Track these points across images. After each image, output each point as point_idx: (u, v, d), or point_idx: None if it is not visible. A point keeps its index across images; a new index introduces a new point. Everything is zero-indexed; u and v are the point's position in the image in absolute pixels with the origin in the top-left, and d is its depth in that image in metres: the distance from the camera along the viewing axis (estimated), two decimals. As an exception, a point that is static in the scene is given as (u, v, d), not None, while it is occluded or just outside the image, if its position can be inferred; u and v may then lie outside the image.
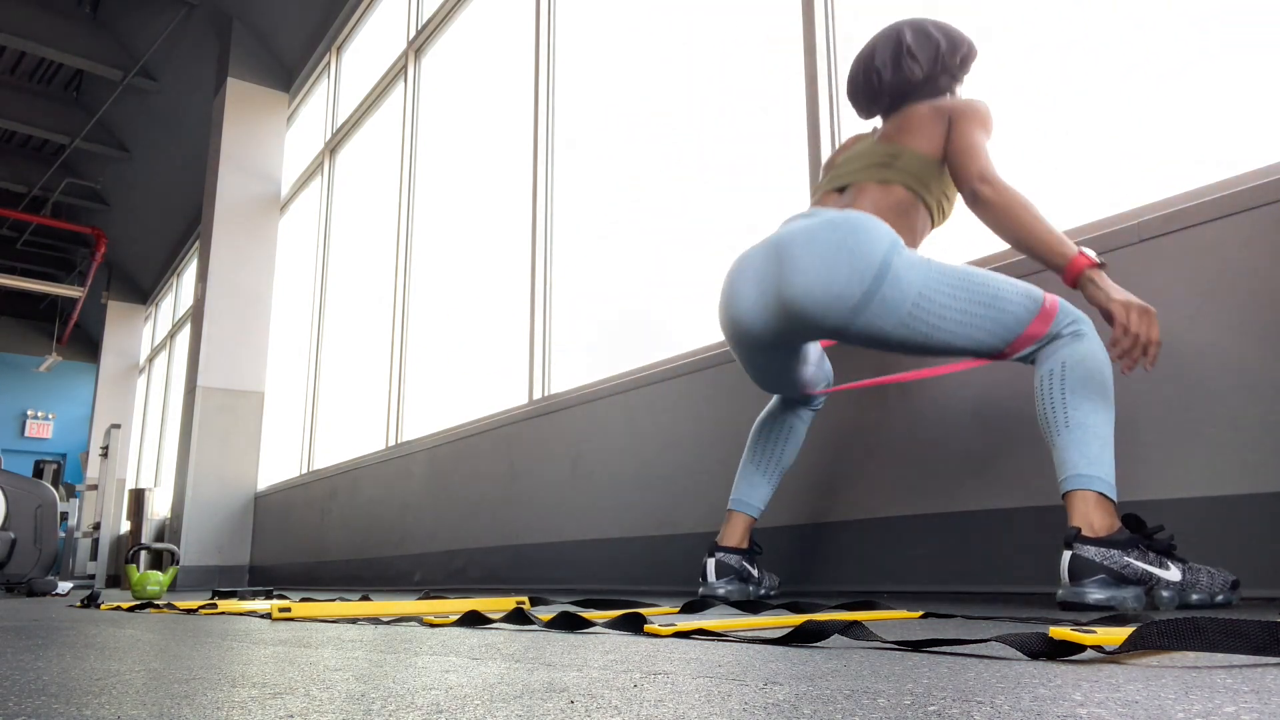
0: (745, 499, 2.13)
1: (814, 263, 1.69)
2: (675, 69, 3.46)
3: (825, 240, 1.69)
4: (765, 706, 0.59)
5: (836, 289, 1.66)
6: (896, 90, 2.00)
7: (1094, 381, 1.60)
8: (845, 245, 1.67)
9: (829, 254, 1.68)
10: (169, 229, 10.75)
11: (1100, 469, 1.56)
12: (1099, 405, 1.59)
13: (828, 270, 1.67)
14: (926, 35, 1.97)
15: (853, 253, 1.66)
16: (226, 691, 0.71)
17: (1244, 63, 1.84)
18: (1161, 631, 0.75)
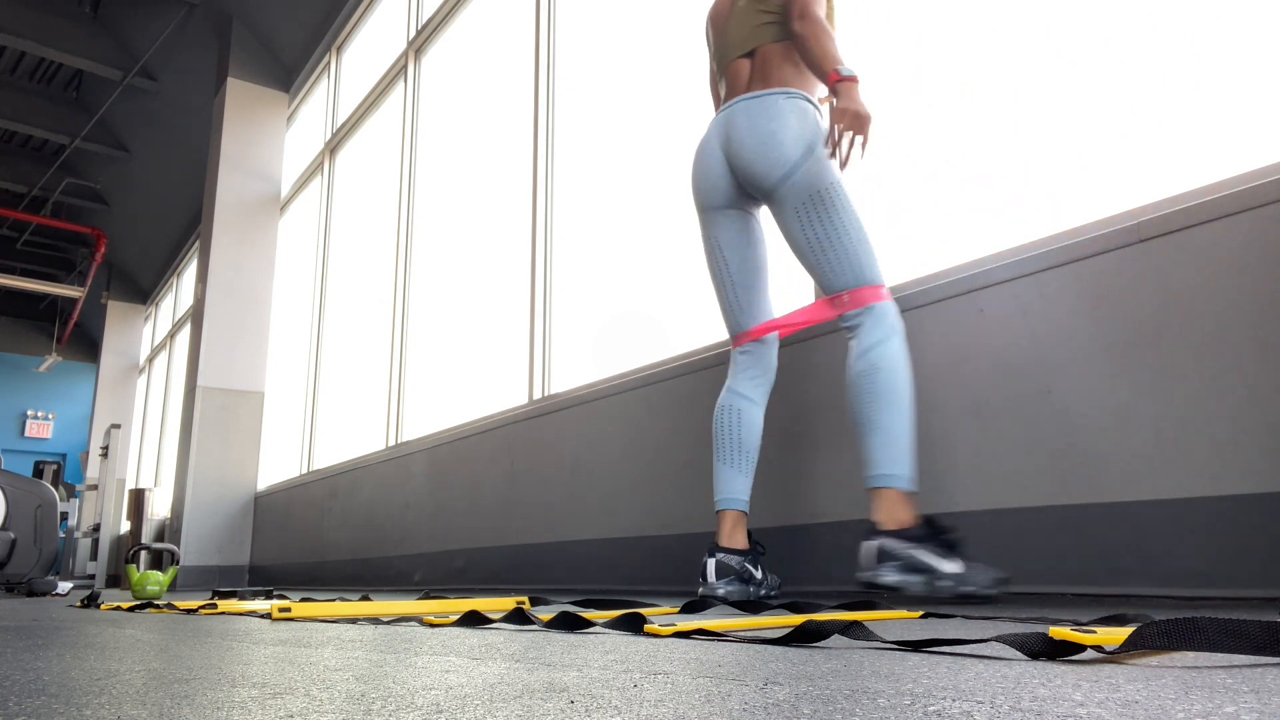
0: (728, 495, 2.16)
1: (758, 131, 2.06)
2: (675, 69, 3.46)
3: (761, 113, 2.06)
4: (765, 706, 0.59)
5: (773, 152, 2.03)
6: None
7: (897, 387, 1.86)
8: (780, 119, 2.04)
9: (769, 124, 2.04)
10: (169, 229, 10.75)
11: (902, 468, 1.83)
12: (900, 409, 1.85)
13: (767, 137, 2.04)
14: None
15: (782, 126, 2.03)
16: (226, 691, 0.71)
17: (1244, 63, 1.84)
18: (1161, 631, 0.75)
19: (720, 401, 2.22)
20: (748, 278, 2.21)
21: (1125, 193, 2.01)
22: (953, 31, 2.45)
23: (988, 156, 2.32)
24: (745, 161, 2.09)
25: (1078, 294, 1.94)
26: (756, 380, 2.22)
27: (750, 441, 2.18)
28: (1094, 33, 2.12)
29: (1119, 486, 1.82)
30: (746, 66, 2.21)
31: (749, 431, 2.18)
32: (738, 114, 2.12)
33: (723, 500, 2.16)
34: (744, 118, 2.10)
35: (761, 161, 2.06)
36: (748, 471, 2.17)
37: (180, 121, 8.86)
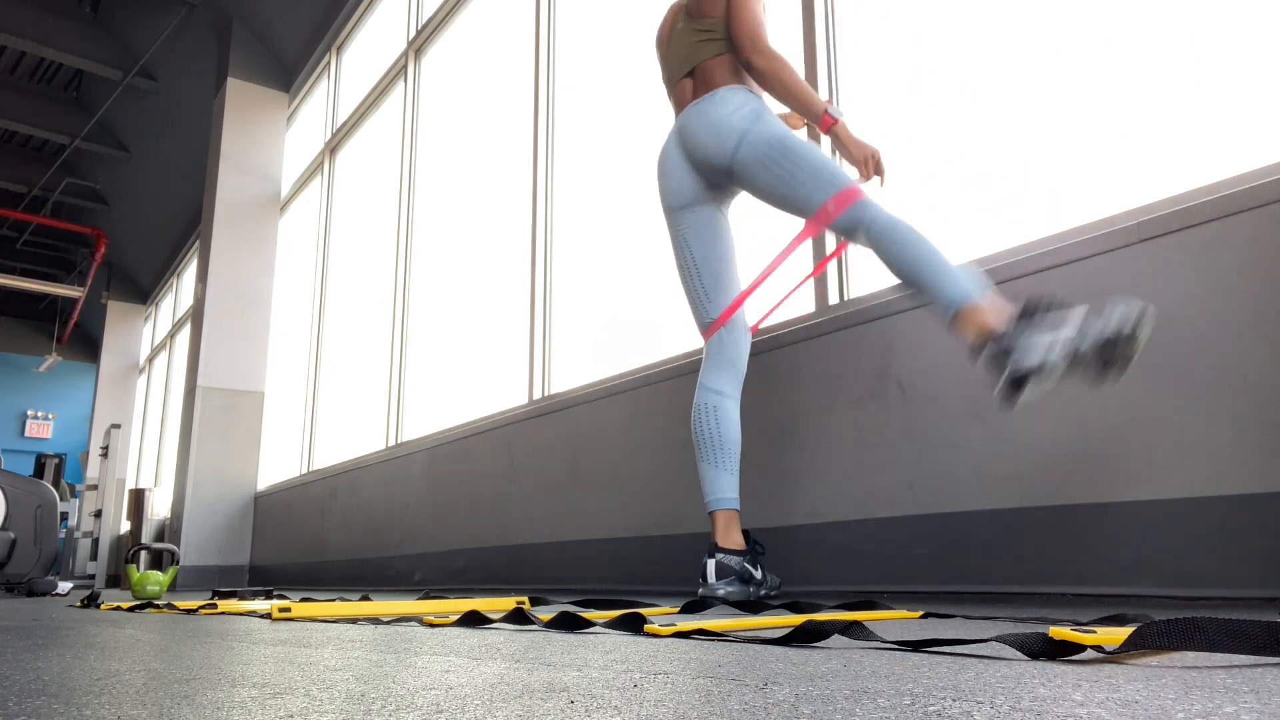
0: (717, 495, 2.16)
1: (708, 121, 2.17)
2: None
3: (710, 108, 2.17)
4: (765, 706, 0.59)
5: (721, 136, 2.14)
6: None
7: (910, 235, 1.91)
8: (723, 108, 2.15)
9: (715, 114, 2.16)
10: (169, 229, 10.75)
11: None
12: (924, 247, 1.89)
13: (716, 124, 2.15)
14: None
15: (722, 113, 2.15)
16: (226, 691, 0.71)
17: (1245, 63, 1.84)
18: (1161, 631, 0.75)
19: (696, 401, 2.24)
20: (714, 268, 2.28)
21: (1125, 193, 2.01)
22: (953, 31, 2.45)
23: (988, 156, 2.32)
24: (702, 149, 2.20)
25: (1078, 294, 1.94)
26: (727, 374, 2.24)
27: (730, 438, 2.19)
28: (1094, 33, 2.12)
29: (1119, 486, 1.82)
30: (689, 85, 2.32)
31: (728, 428, 2.19)
32: (688, 118, 2.24)
33: (713, 501, 2.16)
34: (694, 116, 2.22)
35: (714, 143, 2.16)
36: (733, 469, 2.17)
37: (180, 121, 8.86)
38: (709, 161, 2.19)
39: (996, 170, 2.29)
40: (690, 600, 1.93)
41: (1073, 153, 2.13)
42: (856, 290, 2.59)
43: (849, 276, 2.62)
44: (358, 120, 6.45)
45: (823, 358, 2.51)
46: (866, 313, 2.40)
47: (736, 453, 2.18)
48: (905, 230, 1.91)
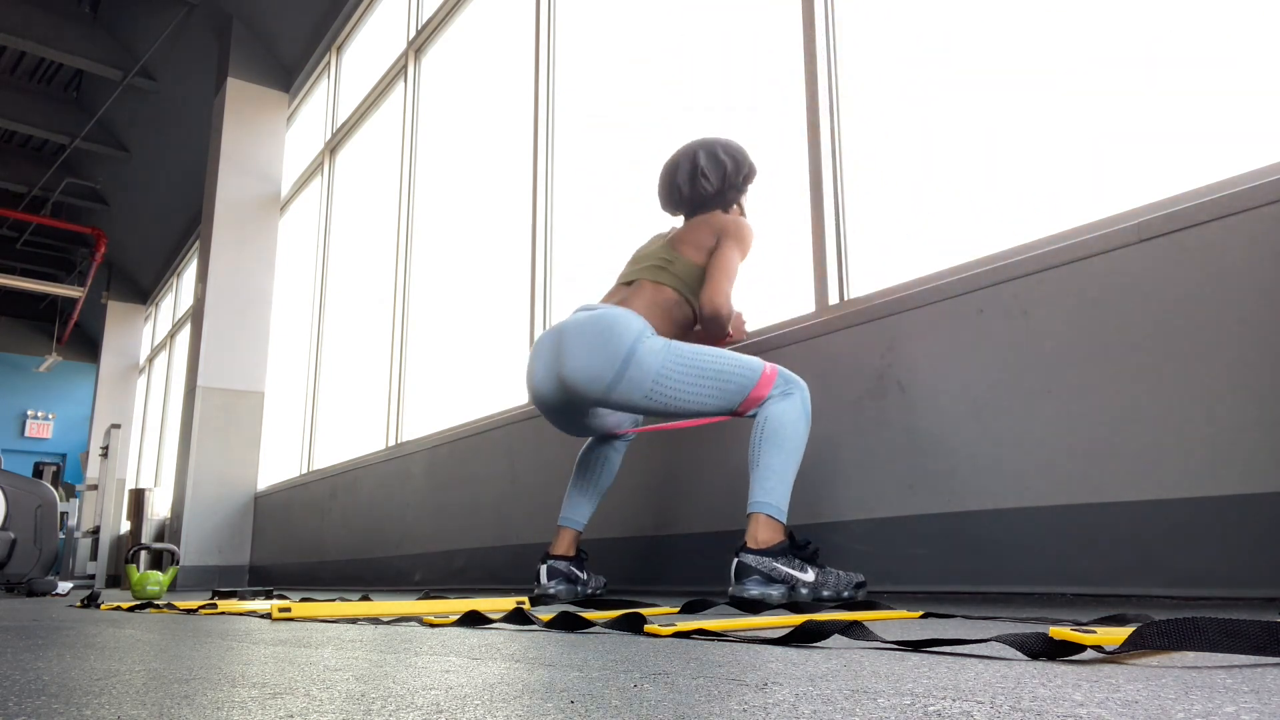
0: (572, 517, 2.55)
1: (580, 351, 2.18)
2: (675, 69, 3.46)
3: (590, 333, 2.18)
4: (765, 706, 0.59)
5: (594, 372, 2.15)
6: (694, 201, 2.52)
7: (783, 434, 2.10)
8: (602, 337, 2.15)
9: (591, 344, 2.16)
10: (169, 229, 10.75)
11: (773, 498, 2.07)
12: (784, 452, 2.09)
13: (588, 357, 2.16)
14: (716, 158, 2.48)
15: (606, 343, 2.14)
16: (226, 691, 0.71)
17: (1245, 63, 1.84)
18: (1161, 631, 0.75)
19: (590, 445, 2.61)
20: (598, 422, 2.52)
21: (1125, 193, 2.01)
22: (953, 31, 2.45)
23: (988, 156, 2.32)
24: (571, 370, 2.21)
25: (1078, 294, 1.94)
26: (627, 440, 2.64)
27: (606, 482, 2.60)
28: (1094, 32, 2.12)
29: (1119, 486, 1.83)
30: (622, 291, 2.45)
31: (608, 475, 2.60)
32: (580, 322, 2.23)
33: (566, 519, 2.55)
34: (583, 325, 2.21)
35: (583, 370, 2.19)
36: (594, 503, 2.58)
37: (180, 121, 8.86)
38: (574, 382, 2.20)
39: (997, 170, 2.29)
40: (690, 600, 1.93)
41: (1073, 153, 2.13)
42: (856, 290, 2.59)
43: (849, 276, 2.62)
44: (358, 120, 6.45)
45: (823, 358, 2.51)
46: (866, 313, 2.40)
47: (604, 492, 2.60)
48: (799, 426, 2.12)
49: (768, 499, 2.07)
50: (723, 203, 2.51)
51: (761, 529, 2.05)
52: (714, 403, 2.15)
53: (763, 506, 2.06)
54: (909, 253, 2.48)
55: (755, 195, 2.96)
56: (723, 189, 2.49)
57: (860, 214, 2.63)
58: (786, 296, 2.80)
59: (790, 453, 2.09)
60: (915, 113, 2.52)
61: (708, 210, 2.50)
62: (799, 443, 2.10)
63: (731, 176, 2.48)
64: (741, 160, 2.50)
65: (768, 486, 2.08)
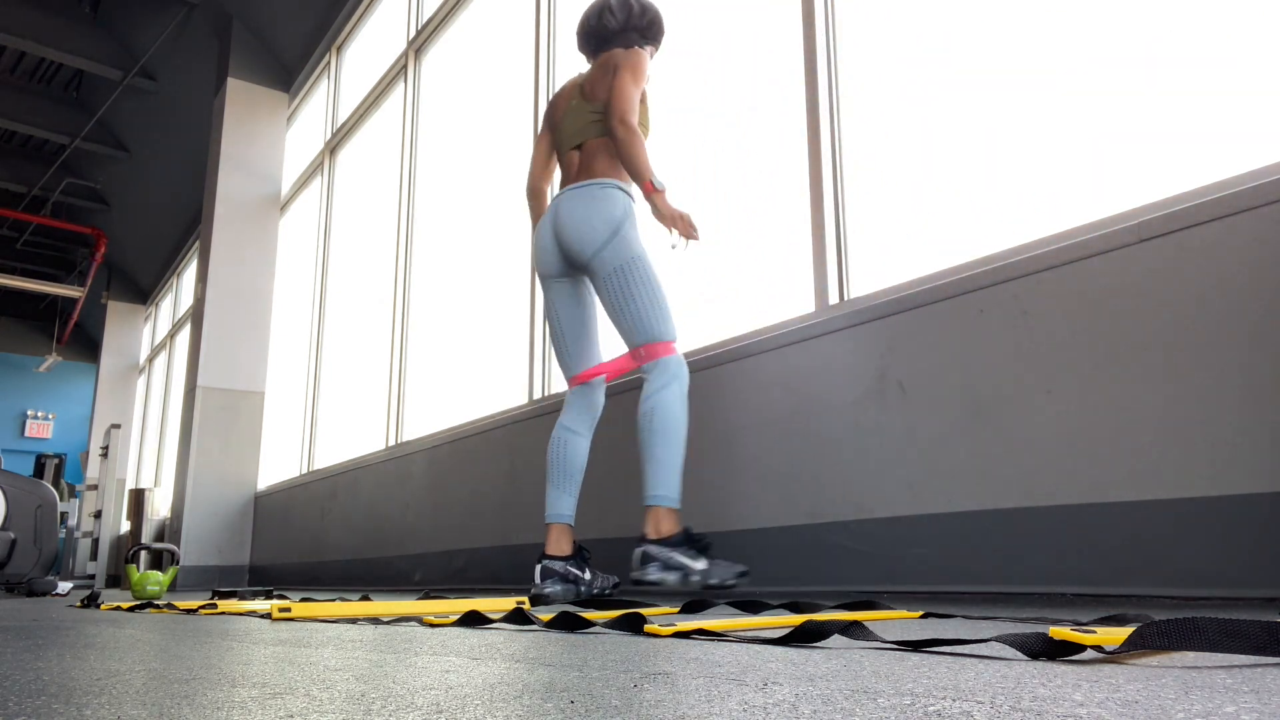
0: (557, 512, 2.57)
1: (581, 215, 2.50)
2: (675, 69, 3.46)
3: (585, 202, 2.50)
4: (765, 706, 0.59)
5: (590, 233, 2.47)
6: (599, 34, 2.70)
7: (668, 426, 2.33)
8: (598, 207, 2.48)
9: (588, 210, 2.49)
10: (169, 229, 10.75)
11: (668, 490, 2.31)
12: (670, 444, 2.32)
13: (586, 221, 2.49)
14: (626, 2, 2.69)
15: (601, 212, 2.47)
16: (226, 691, 0.71)
17: (1245, 63, 1.84)
18: (1161, 631, 0.75)
19: (553, 435, 2.65)
20: (577, 332, 2.65)
21: (1125, 193, 2.01)
22: (953, 31, 2.45)
23: (987, 156, 2.32)
24: (567, 242, 2.53)
25: (1078, 294, 1.94)
26: (584, 416, 2.65)
27: (575, 467, 2.61)
28: (1094, 32, 2.12)
29: (1119, 486, 1.83)
30: (576, 158, 2.65)
31: (575, 459, 2.62)
32: (564, 202, 2.55)
33: (551, 515, 2.57)
34: (567, 206, 2.54)
35: (577, 242, 2.50)
36: (573, 492, 2.60)
37: (180, 121, 8.86)
38: (571, 253, 2.53)
39: (996, 170, 2.29)
40: (690, 600, 1.93)
41: (1073, 153, 2.13)
42: (856, 290, 2.59)
43: (849, 276, 2.62)
44: (358, 120, 6.45)
45: (823, 358, 2.51)
46: (866, 313, 2.40)
47: (578, 480, 2.61)
48: (680, 415, 2.36)
49: (664, 491, 2.32)
50: (624, 41, 2.71)
51: (662, 520, 2.30)
52: (641, 316, 2.43)
53: (660, 499, 2.31)
54: (909, 253, 2.48)
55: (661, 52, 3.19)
56: (625, 28, 2.70)
57: (860, 214, 2.63)
58: (786, 296, 2.80)
59: (675, 443, 2.35)
60: (915, 113, 2.52)
61: (609, 48, 2.70)
62: (682, 431, 2.36)
63: (636, 19, 2.70)
64: (647, 8, 2.72)
65: (661, 479, 2.32)
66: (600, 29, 2.71)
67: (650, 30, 2.73)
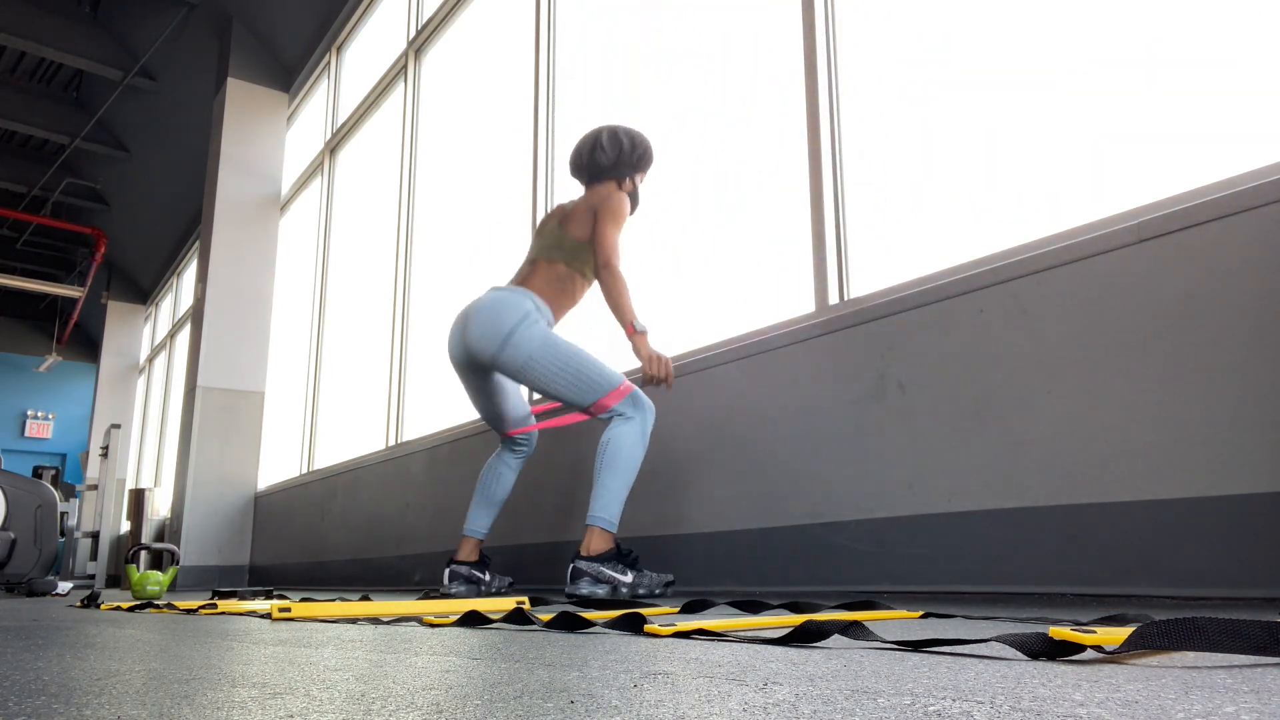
0: (474, 527, 2.99)
1: (477, 325, 2.73)
2: (675, 70, 3.46)
3: (486, 311, 2.73)
4: (765, 706, 0.59)
5: (484, 342, 2.70)
6: (591, 170, 2.92)
7: (620, 457, 2.58)
8: (495, 316, 2.71)
9: (485, 321, 2.71)
10: (169, 229, 10.75)
11: (607, 514, 2.56)
12: (619, 474, 2.57)
13: (482, 331, 2.71)
14: (617, 138, 2.89)
15: (496, 323, 2.70)
16: (226, 691, 0.71)
17: (1245, 63, 1.84)
18: (1161, 631, 0.75)
19: (488, 462, 3.03)
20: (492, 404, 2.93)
21: (1125, 193, 2.01)
22: (953, 31, 2.45)
23: (987, 156, 2.32)
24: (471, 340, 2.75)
25: (1078, 294, 1.94)
26: (519, 456, 3.03)
27: (499, 496, 3.00)
28: (1095, 32, 2.12)
29: (1119, 486, 1.83)
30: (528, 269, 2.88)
31: (500, 490, 3.00)
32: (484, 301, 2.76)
33: (468, 529, 2.98)
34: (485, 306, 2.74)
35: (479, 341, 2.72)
36: (491, 514, 2.99)
37: (180, 121, 8.86)
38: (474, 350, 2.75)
39: (996, 170, 2.29)
40: (690, 600, 1.93)
41: (1073, 153, 2.13)
42: (856, 290, 2.59)
43: (849, 276, 2.62)
44: (358, 120, 6.45)
45: (823, 358, 2.51)
46: (866, 313, 2.40)
47: (499, 505, 3.01)
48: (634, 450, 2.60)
49: (603, 514, 2.57)
50: (616, 175, 2.90)
51: (595, 539, 2.55)
52: (569, 393, 2.64)
53: (598, 520, 2.57)
54: (909, 253, 2.48)
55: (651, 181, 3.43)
56: (617, 163, 2.89)
57: (860, 214, 2.63)
58: (786, 296, 2.80)
59: (624, 474, 2.58)
60: (915, 113, 2.52)
61: (602, 181, 2.90)
62: (634, 464, 2.59)
63: (626, 154, 2.88)
64: (638, 143, 2.90)
65: (603, 503, 2.57)
66: (593, 165, 2.90)
67: (642, 163, 2.93)
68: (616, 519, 2.56)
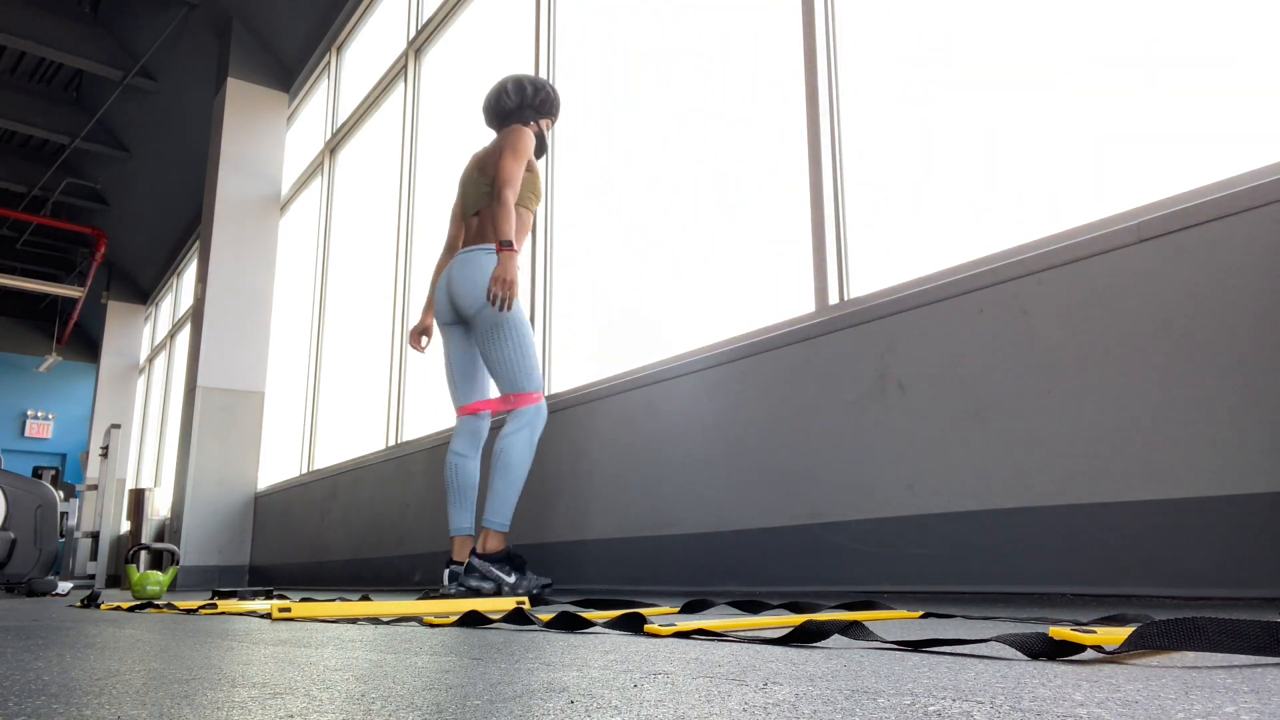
0: (458, 526, 3.10)
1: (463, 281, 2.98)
2: (675, 70, 3.46)
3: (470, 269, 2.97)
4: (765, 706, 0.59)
5: (470, 297, 2.95)
6: (498, 113, 3.19)
7: (511, 465, 2.90)
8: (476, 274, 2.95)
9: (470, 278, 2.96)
10: (169, 229, 10.75)
11: (500, 517, 2.89)
12: (510, 480, 2.90)
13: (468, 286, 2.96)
14: (520, 84, 3.18)
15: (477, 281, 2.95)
16: (226, 691, 0.71)
17: (1245, 62, 1.84)
18: (1161, 631, 0.75)
19: (446, 460, 3.15)
20: (465, 372, 3.14)
21: (1125, 193, 2.01)
22: (953, 31, 2.45)
23: (987, 156, 2.32)
24: (456, 298, 3.02)
25: (1078, 294, 1.94)
26: (471, 441, 3.15)
27: (469, 486, 3.12)
28: (1095, 32, 2.12)
29: (1119, 486, 1.83)
30: (473, 224, 3.13)
31: (468, 480, 3.12)
32: (456, 265, 3.03)
33: (453, 530, 3.10)
34: (458, 268, 3.00)
35: (463, 299, 2.98)
36: (469, 508, 3.11)
37: (180, 121, 8.86)
38: (459, 307, 3.02)
39: (996, 170, 2.29)
40: (690, 600, 1.93)
41: (1073, 153, 2.13)
42: (856, 290, 2.59)
43: (849, 276, 2.62)
44: (358, 120, 6.45)
45: (823, 358, 2.51)
46: (866, 313, 2.40)
47: (473, 496, 3.12)
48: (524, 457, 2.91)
49: (495, 518, 2.89)
50: (521, 119, 3.17)
51: (490, 540, 2.87)
52: (508, 369, 2.94)
53: (491, 523, 2.88)
54: (909, 253, 2.48)
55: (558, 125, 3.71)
56: (520, 106, 3.16)
57: (860, 214, 2.63)
58: (786, 296, 2.80)
59: (515, 480, 2.90)
60: (915, 112, 2.52)
61: (509, 124, 3.16)
62: (523, 471, 2.92)
63: (529, 98, 3.16)
64: (540, 88, 3.18)
65: (495, 507, 2.90)
66: (499, 108, 3.17)
67: (544, 106, 3.20)
68: (509, 521, 2.88)
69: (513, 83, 3.17)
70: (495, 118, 3.20)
